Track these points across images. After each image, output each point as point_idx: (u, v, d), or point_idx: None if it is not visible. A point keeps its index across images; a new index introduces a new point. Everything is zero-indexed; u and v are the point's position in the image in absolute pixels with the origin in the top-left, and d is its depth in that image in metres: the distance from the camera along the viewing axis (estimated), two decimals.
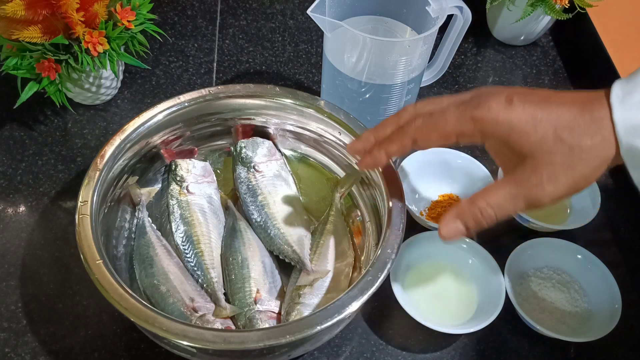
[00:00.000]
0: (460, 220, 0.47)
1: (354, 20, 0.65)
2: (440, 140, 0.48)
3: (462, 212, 0.47)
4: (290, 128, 0.67)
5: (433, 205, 0.70)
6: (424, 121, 0.48)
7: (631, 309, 0.61)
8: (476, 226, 0.47)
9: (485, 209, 0.46)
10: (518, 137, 0.44)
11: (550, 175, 0.44)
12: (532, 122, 0.44)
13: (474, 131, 0.46)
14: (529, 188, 0.44)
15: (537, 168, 0.44)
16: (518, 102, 0.45)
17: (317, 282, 0.58)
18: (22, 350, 0.58)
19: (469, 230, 0.47)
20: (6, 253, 0.65)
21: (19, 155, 0.74)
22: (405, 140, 0.50)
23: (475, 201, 0.46)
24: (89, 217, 0.53)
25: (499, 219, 0.47)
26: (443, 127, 0.47)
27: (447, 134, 0.47)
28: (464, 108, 0.46)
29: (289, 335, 0.47)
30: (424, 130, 0.48)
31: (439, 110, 0.48)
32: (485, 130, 0.46)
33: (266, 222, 0.62)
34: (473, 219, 0.47)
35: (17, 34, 0.65)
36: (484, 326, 0.57)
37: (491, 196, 0.46)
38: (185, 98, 0.63)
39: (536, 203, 0.45)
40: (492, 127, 0.45)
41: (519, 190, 0.45)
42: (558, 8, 0.81)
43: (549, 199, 0.44)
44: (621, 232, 0.71)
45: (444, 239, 0.48)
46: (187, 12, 0.93)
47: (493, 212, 0.46)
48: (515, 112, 0.44)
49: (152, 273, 0.58)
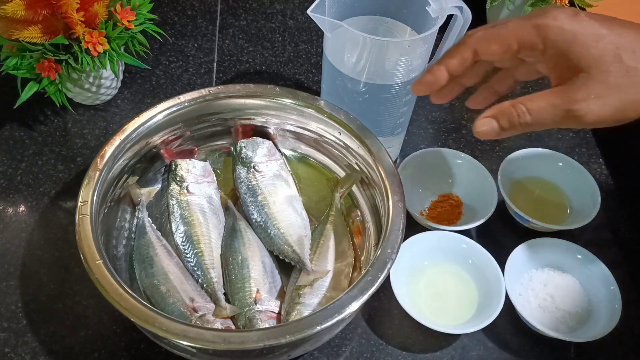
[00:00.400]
0: (496, 119, 0.47)
1: (354, 20, 0.65)
2: (501, 50, 0.48)
3: (499, 111, 0.47)
4: (290, 128, 0.67)
5: (433, 205, 0.70)
6: (485, 31, 0.49)
7: (631, 309, 0.61)
8: (510, 127, 0.47)
9: (524, 113, 0.46)
10: (579, 49, 0.44)
11: (600, 93, 0.43)
12: (595, 36, 0.44)
13: (537, 39, 0.46)
14: (573, 102, 0.44)
15: (588, 84, 0.44)
16: (585, 15, 0.45)
17: (317, 282, 0.58)
18: (22, 350, 0.58)
19: (502, 130, 0.48)
20: (6, 253, 0.65)
21: (19, 155, 0.74)
22: (465, 53, 0.49)
23: (515, 104, 0.47)
24: (89, 217, 0.53)
25: (535, 126, 0.47)
26: (505, 35, 0.47)
27: (508, 43, 0.47)
28: (528, 17, 0.47)
29: (289, 335, 0.47)
30: (485, 39, 0.49)
31: (501, 22, 0.49)
32: (548, 37, 0.46)
33: (266, 222, 0.62)
34: (508, 119, 0.47)
35: (17, 34, 0.65)
36: (484, 326, 0.57)
37: (532, 102, 0.46)
38: (185, 98, 0.63)
39: (576, 119, 0.45)
40: (555, 34, 0.45)
41: (562, 101, 0.45)
42: None
43: (592, 117, 0.44)
44: (621, 232, 0.71)
45: (477, 135, 0.48)
46: (187, 12, 0.93)
47: (530, 117, 0.46)
48: (580, 24, 0.45)
49: (152, 273, 0.58)
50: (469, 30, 0.67)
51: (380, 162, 0.59)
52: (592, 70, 0.44)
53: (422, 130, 0.80)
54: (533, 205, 0.70)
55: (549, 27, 0.45)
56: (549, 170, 0.72)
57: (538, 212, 0.68)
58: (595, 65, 0.44)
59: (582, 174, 0.71)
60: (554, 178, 0.72)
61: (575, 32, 0.45)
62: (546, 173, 0.72)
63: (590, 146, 0.80)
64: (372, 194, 0.62)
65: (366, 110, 0.65)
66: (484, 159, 0.75)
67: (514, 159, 0.72)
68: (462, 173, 0.72)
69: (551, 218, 0.68)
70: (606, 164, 0.78)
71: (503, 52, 0.48)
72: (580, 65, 0.44)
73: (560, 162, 0.72)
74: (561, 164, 0.72)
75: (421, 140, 0.79)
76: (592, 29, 0.44)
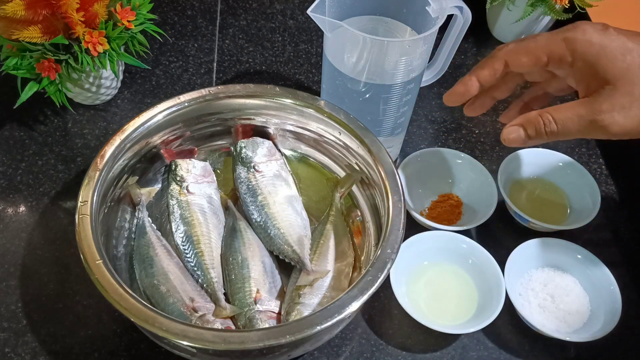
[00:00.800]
0: (523, 127, 0.49)
1: (354, 20, 0.65)
2: (530, 62, 0.50)
3: (527, 120, 0.49)
4: (290, 128, 0.67)
5: (433, 205, 0.70)
6: (516, 44, 0.51)
7: (631, 309, 0.61)
8: (536, 136, 0.49)
9: (551, 122, 0.48)
10: (606, 61, 0.46)
11: (625, 105, 0.45)
12: (622, 50, 0.45)
13: (565, 51, 0.48)
14: (598, 112, 0.46)
15: (614, 95, 0.45)
16: (613, 30, 0.47)
17: (317, 282, 0.58)
18: (22, 350, 0.58)
19: (529, 138, 0.49)
20: (6, 253, 0.65)
21: (19, 155, 0.74)
22: (496, 64, 0.52)
23: (542, 113, 0.48)
24: (89, 217, 0.53)
25: (561, 135, 0.48)
26: (535, 48, 0.49)
27: (538, 55, 0.49)
28: (558, 31, 0.49)
29: (289, 335, 0.47)
30: (515, 51, 0.51)
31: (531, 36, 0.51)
32: (576, 50, 0.47)
33: (266, 222, 0.62)
34: (535, 128, 0.48)
35: (17, 34, 0.65)
36: (484, 326, 0.57)
37: (559, 112, 0.48)
38: (185, 98, 0.63)
39: (602, 129, 0.46)
40: (584, 47, 0.47)
41: (588, 112, 0.46)
42: (558, 8, 0.81)
43: (617, 128, 0.46)
44: (621, 232, 0.71)
45: (504, 142, 0.50)
46: (187, 12, 0.93)
47: (556, 127, 0.48)
48: (609, 38, 0.46)
49: (152, 273, 0.58)
50: (468, 29, 0.67)
51: (380, 162, 0.59)
52: (618, 82, 0.45)
53: (422, 130, 0.80)
54: (533, 205, 0.70)
55: (578, 41, 0.47)
56: (549, 170, 0.72)
57: (538, 212, 0.68)
58: (621, 77, 0.45)
59: (582, 174, 0.71)
60: (554, 178, 0.72)
61: (603, 46, 0.46)
62: (546, 173, 0.72)
63: (590, 146, 0.80)
64: (372, 194, 0.62)
65: (366, 110, 0.65)
66: (484, 159, 0.75)
67: (514, 159, 0.72)
68: (462, 173, 0.72)
69: (551, 218, 0.68)
70: (606, 164, 0.78)
71: (532, 64, 0.50)
72: (607, 77, 0.46)
73: (560, 162, 0.72)
74: (561, 164, 0.72)
75: (421, 140, 0.79)
76: (619, 43, 0.46)
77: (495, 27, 0.91)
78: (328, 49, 0.64)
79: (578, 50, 0.47)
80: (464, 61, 0.89)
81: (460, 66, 0.88)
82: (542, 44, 0.49)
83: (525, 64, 0.51)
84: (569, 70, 0.49)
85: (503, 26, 0.89)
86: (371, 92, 0.63)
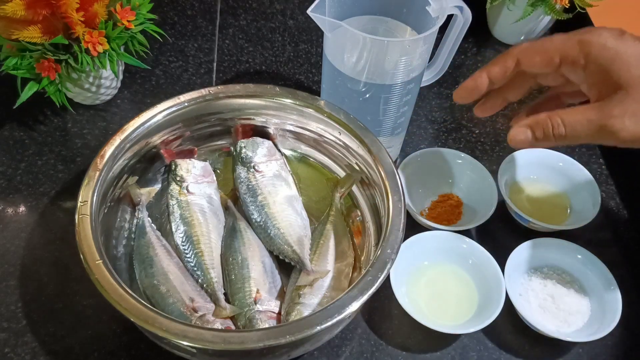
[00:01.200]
0: (531, 129, 0.49)
1: (354, 20, 0.65)
2: (543, 62, 0.49)
3: (535, 122, 0.49)
4: (290, 128, 0.67)
5: (433, 205, 0.70)
6: (530, 43, 0.50)
7: (631, 309, 0.61)
8: (544, 138, 0.48)
9: (559, 125, 0.47)
10: (620, 66, 0.45)
11: (636, 112, 0.44)
12: (637, 56, 0.45)
13: (579, 54, 0.47)
14: (608, 117, 0.45)
15: (625, 101, 0.45)
16: (629, 36, 0.46)
17: (317, 282, 0.58)
18: (22, 350, 0.58)
19: (536, 140, 0.49)
20: (6, 253, 0.65)
21: (19, 155, 0.74)
22: (508, 61, 0.51)
23: (551, 115, 0.48)
24: (89, 217, 0.53)
25: (569, 139, 0.48)
26: (548, 48, 0.49)
27: (551, 56, 0.49)
28: (573, 33, 0.48)
29: (289, 335, 0.47)
30: (529, 50, 0.50)
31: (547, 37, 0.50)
32: (590, 53, 0.47)
33: (266, 222, 0.62)
34: (544, 130, 0.48)
35: (17, 34, 0.65)
36: (484, 326, 0.57)
37: (568, 115, 0.47)
38: (185, 98, 0.63)
39: (611, 135, 0.46)
40: (598, 51, 0.46)
41: (598, 116, 0.46)
42: (558, 8, 0.81)
43: (626, 134, 0.45)
44: (621, 232, 0.71)
45: (511, 143, 0.50)
46: (187, 12, 0.93)
47: (565, 130, 0.47)
48: (624, 44, 0.46)
49: (152, 273, 0.58)
50: (468, 29, 0.67)
51: (380, 162, 0.59)
52: (631, 88, 0.45)
53: (422, 130, 0.80)
54: (533, 205, 0.70)
55: (592, 44, 0.47)
56: (549, 170, 0.72)
57: (538, 212, 0.68)
58: (634, 84, 0.45)
59: (582, 174, 0.71)
60: (554, 178, 0.72)
61: (618, 51, 0.46)
62: (546, 173, 0.72)
63: (590, 146, 0.80)
64: (372, 194, 0.62)
65: (366, 110, 0.65)
66: (484, 159, 0.75)
67: (514, 159, 0.72)
68: (462, 173, 0.72)
69: (551, 218, 0.68)
70: (606, 164, 0.78)
71: (545, 64, 0.49)
72: (619, 82, 0.45)
73: (561, 162, 0.72)
74: (561, 164, 0.72)
75: (421, 140, 0.79)
76: (635, 49, 0.45)
77: (496, 27, 0.91)
78: (328, 49, 0.64)
79: (592, 53, 0.47)
80: (464, 61, 0.89)
81: (460, 66, 0.88)
82: (556, 44, 0.49)
83: (538, 64, 0.50)
84: (581, 75, 0.49)
85: (503, 26, 0.89)
86: (371, 92, 0.63)
